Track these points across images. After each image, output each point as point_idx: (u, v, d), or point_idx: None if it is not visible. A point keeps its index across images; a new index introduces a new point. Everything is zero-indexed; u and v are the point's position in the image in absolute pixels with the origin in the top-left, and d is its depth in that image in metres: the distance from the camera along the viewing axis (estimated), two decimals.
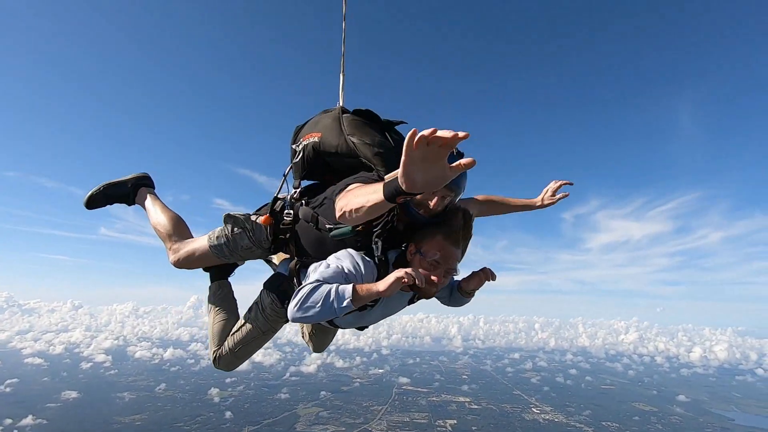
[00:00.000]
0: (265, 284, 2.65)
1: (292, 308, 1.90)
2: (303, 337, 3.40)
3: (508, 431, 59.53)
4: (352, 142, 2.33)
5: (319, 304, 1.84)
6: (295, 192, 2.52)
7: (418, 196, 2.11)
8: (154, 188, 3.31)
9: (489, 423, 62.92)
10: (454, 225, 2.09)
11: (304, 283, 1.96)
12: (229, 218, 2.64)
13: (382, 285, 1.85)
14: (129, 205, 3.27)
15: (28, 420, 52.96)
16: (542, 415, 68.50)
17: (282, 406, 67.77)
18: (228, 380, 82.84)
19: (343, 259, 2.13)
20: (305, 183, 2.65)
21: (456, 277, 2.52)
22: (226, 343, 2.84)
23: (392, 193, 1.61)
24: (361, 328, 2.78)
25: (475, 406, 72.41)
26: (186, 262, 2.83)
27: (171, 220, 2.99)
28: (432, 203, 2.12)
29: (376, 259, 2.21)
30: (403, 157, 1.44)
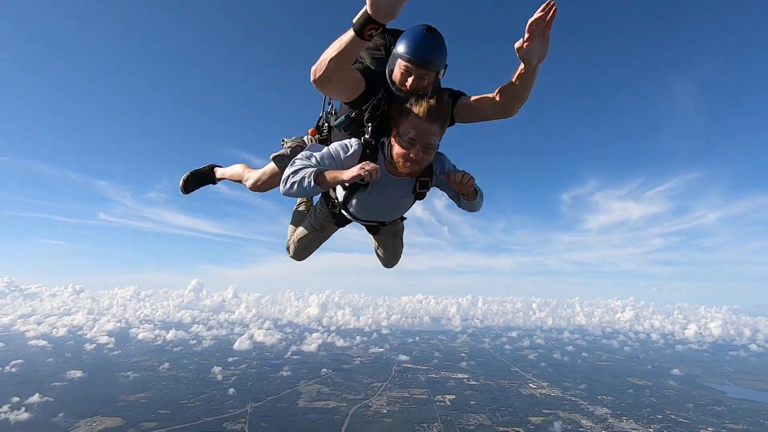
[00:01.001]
0: None
1: (281, 185, 2.36)
2: (375, 251, 3.98)
3: (506, 405, 60.78)
4: (366, 48, 2.56)
5: (296, 184, 2.26)
6: (330, 107, 2.92)
7: (396, 75, 2.37)
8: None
9: (487, 398, 64.26)
10: (424, 100, 2.25)
11: (290, 165, 2.40)
12: (285, 140, 3.16)
13: (346, 174, 2.17)
14: (214, 183, 4.04)
15: (35, 398, 53.90)
16: (539, 390, 69.98)
17: (284, 383, 69.01)
18: (230, 359, 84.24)
19: (329, 148, 2.51)
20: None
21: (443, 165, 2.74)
22: (294, 233, 3.72)
23: (361, 23, 1.84)
24: (379, 224, 3.21)
25: (474, 382, 73.82)
26: (259, 183, 3.38)
27: (239, 166, 3.72)
28: (409, 83, 2.32)
29: (362, 141, 2.51)
30: None
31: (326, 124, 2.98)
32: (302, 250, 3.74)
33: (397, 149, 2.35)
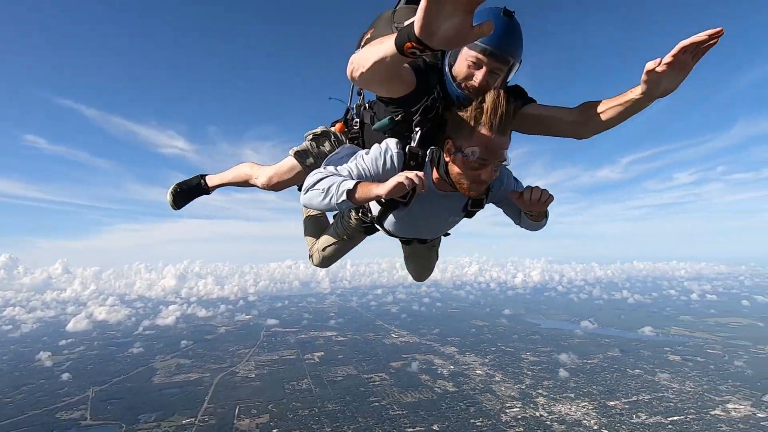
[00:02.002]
0: None
1: (301, 194, 1.95)
2: (405, 262, 3.59)
3: (371, 355, 65.55)
4: (397, 29, 1.98)
5: (321, 195, 1.81)
6: (360, 98, 2.46)
7: (459, 69, 1.89)
8: None
9: (354, 350, 68.34)
10: (492, 108, 1.73)
11: (315, 171, 1.94)
12: (309, 134, 2.71)
13: (382, 188, 1.68)
14: (207, 194, 3.44)
15: None
16: (400, 338, 77.23)
17: (135, 361, 62.14)
18: (62, 342, 71.87)
19: (364, 154, 2.06)
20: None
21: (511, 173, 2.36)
22: (318, 241, 3.32)
23: (403, 38, 1.39)
24: (422, 241, 2.85)
25: (342, 338, 77.60)
26: (276, 181, 2.89)
27: (244, 165, 3.17)
28: (478, 78, 1.84)
29: (407, 149, 2.03)
30: None
31: (356, 120, 2.47)
32: (328, 259, 3.32)
33: (459, 169, 1.88)
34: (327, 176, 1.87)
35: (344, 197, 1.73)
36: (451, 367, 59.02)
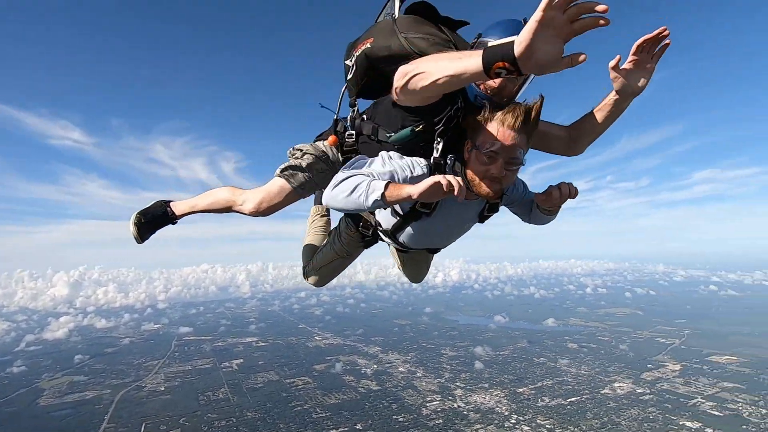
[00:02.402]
0: None
1: (326, 191, 1.84)
2: (398, 268, 3.51)
3: (294, 359, 63.95)
4: (405, 38, 1.99)
5: (348, 192, 1.72)
6: (353, 110, 2.37)
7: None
8: None
9: (275, 356, 66.17)
10: (512, 107, 1.81)
11: (342, 169, 1.89)
12: (296, 149, 2.57)
13: (414, 188, 1.60)
14: (173, 223, 3.04)
15: None
16: (324, 341, 76.41)
17: (15, 382, 53.89)
18: None
19: (388, 158, 1.99)
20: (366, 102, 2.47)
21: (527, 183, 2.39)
22: (313, 259, 3.22)
23: (496, 57, 1.37)
24: (433, 251, 2.88)
25: (263, 344, 74.71)
26: (265, 205, 2.61)
27: (223, 190, 2.79)
28: (495, 82, 1.90)
29: (431, 160, 2.01)
30: (536, 15, 1.22)
31: (350, 132, 2.35)
32: (325, 278, 3.24)
33: (473, 166, 1.92)
34: (355, 174, 1.82)
35: (376, 196, 1.66)
36: (375, 366, 59.70)
